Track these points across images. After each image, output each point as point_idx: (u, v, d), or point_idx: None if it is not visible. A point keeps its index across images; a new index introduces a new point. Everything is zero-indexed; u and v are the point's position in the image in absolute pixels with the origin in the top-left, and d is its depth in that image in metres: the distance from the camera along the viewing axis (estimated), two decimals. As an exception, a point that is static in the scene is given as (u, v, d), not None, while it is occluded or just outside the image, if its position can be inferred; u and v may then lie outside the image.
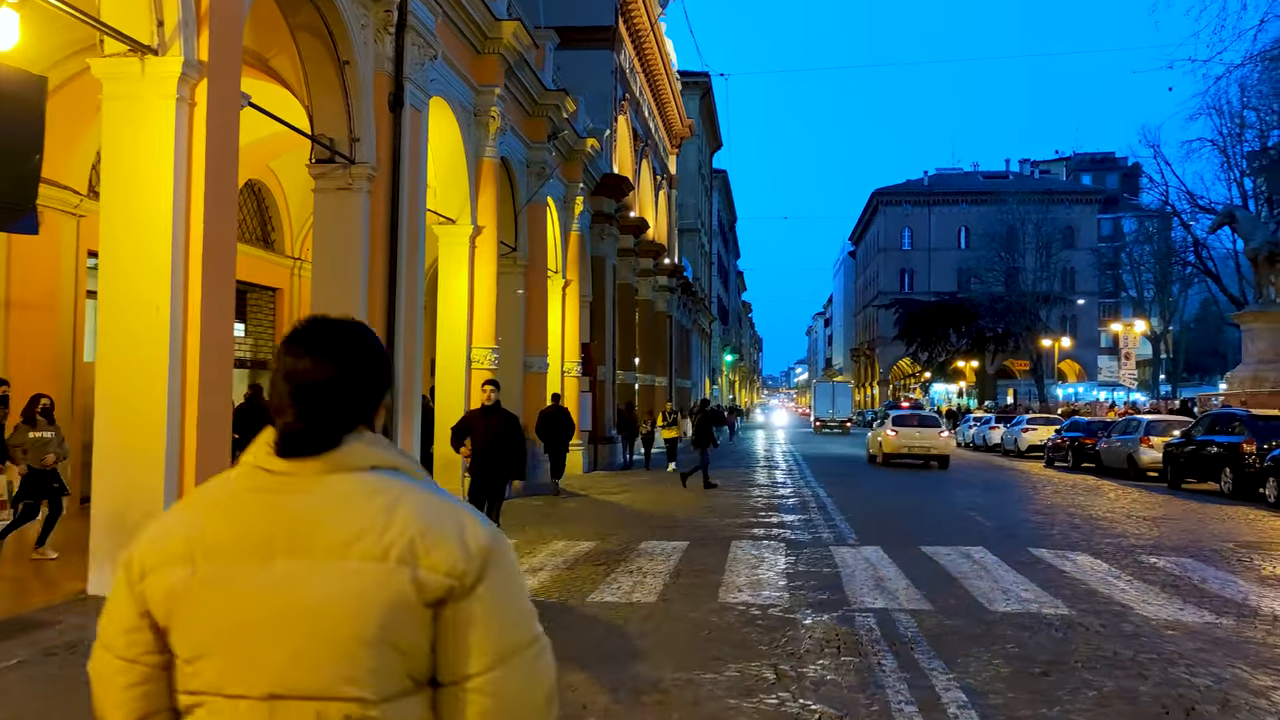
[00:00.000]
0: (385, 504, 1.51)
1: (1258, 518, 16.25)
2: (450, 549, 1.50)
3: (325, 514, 1.50)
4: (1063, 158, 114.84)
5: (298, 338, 1.61)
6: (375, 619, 1.45)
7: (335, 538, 1.48)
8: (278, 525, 1.50)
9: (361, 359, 1.61)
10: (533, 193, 21.24)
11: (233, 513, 1.53)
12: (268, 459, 1.56)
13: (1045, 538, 13.04)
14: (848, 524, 14.29)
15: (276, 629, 1.46)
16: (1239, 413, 21.81)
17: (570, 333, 25.00)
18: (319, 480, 1.53)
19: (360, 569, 1.46)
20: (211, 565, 1.50)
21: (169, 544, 1.54)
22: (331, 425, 1.56)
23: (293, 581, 1.47)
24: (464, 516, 1.55)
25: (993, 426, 42.75)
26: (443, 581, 1.48)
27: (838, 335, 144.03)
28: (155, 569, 1.53)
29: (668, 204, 47.21)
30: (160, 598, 1.52)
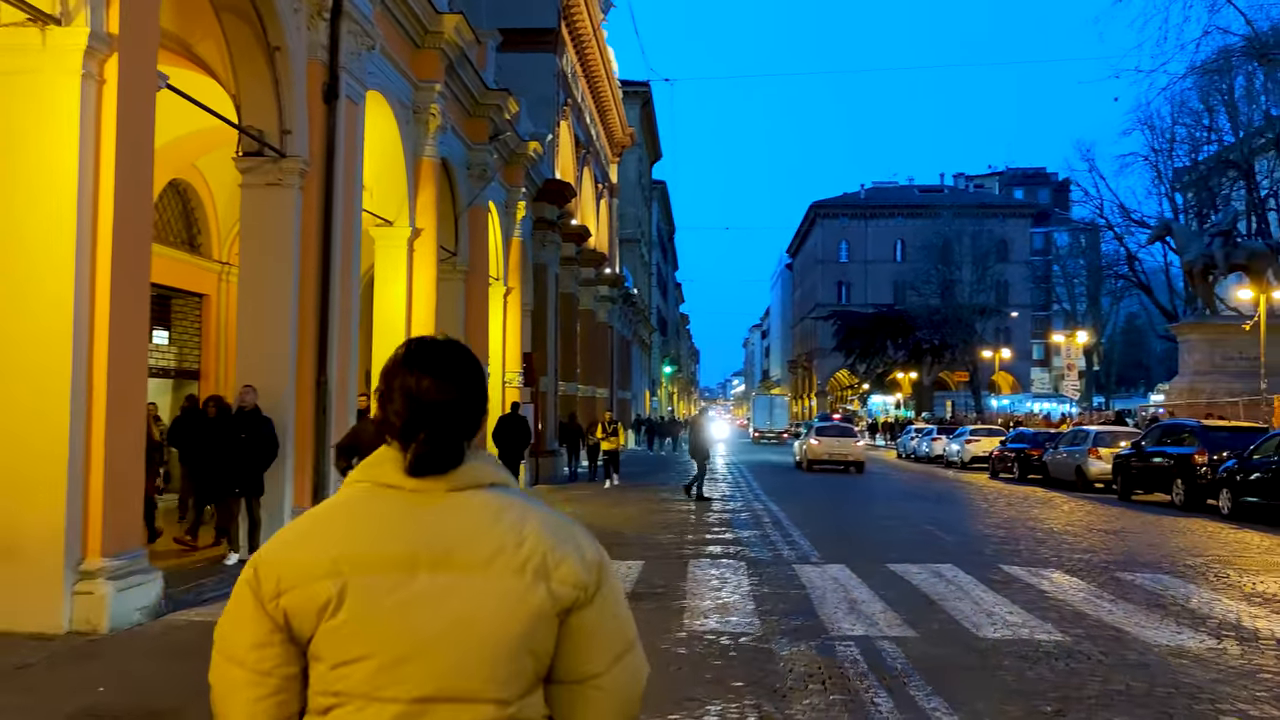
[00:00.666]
0: (514, 521, 1.62)
1: (1216, 530, 15.96)
2: (574, 564, 1.62)
3: (463, 530, 1.60)
4: (995, 172, 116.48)
5: (418, 360, 1.67)
6: (520, 628, 1.57)
7: (477, 553, 1.59)
8: (420, 541, 1.59)
9: (476, 379, 1.70)
10: (474, 196, 20.42)
11: (375, 530, 1.61)
12: (396, 477, 1.63)
13: (1014, 554, 12.53)
14: (807, 540, 13.68)
15: (431, 637, 1.55)
16: (1190, 424, 21.68)
17: (512, 342, 24.20)
18: (449, 498, 1.62)
19: (503, 583, 1.57)
20: (363, 579, 1.57)
21: (310, 561, 1.59)
22: (457, 444, 1.64)
23: (444, 594, 1.56)
24: (576, 533, 1.68)
25: (935, 438, 42.64)
26: (571, 593, 1.61)
27: (775, 347, 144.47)
28: (298, 585, 1.59)
29: (609, 213, 46.58)
30: (306, 612, 1.58)
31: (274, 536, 1.70)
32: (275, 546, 1.66)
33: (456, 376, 1.66)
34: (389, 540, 1.60)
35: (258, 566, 1.63)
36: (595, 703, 1.65)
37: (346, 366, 13.15)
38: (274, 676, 1.61)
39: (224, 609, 1.65)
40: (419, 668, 1.55)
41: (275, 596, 1.60)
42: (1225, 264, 37.10)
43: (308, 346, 12.27)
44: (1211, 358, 36.97)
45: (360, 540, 1.60)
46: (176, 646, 7.04)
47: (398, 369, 1.67)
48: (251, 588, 1.62)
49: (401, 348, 1.71)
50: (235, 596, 1.65)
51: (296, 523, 1.70)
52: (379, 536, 1.60)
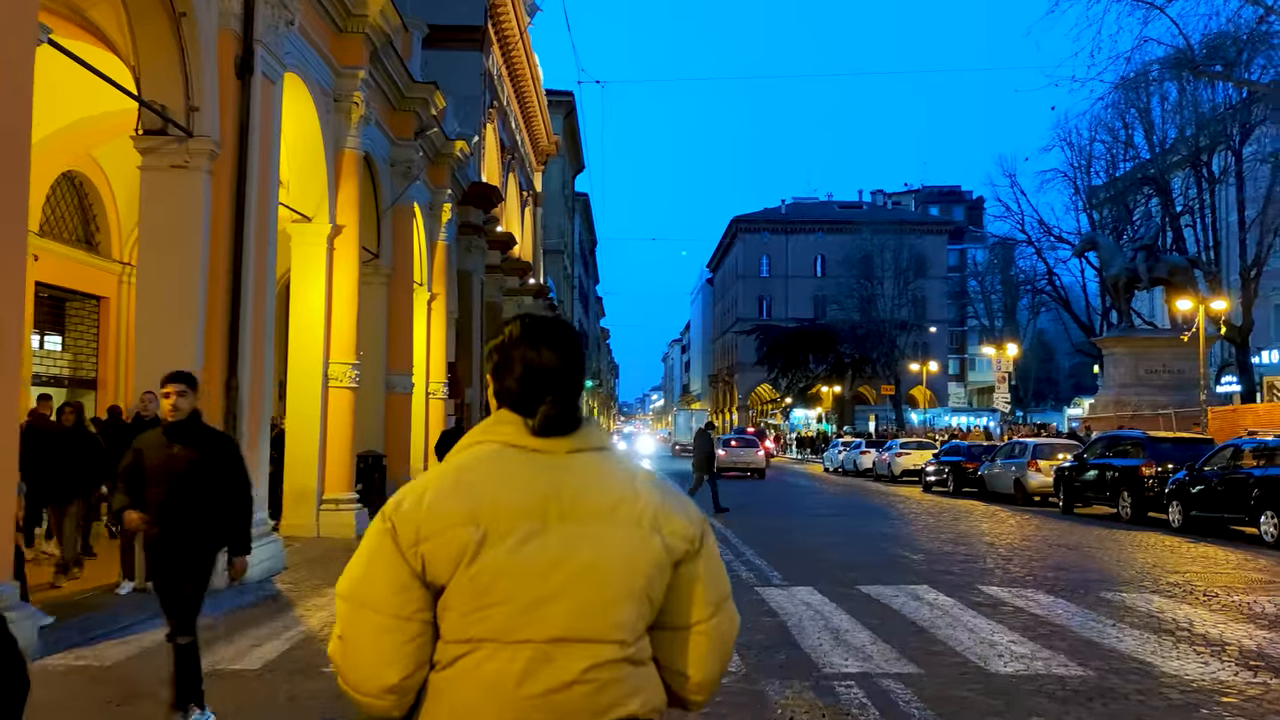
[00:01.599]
0: (626, 479, 1.80)
1: (1175, 544, 15.45)
2: (681, 519, 1.80)
3: (586, 485, 1.75)
4: (911, 190, 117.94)
5: (536, 334, 1.85)
6: (641, 575, 1.72)
7: (600, 506, 1.74)
8: (550, 493, 1.72)
9: (581, 352, 1.89)
10: (398, 194, 19.20)
11: (507, 483, 1.73)
12: (522, 437, 1.78)
13: (985, 572, 11.76)
14: (762, 559, 12.77)
15: (564, 581, 1.68)
16: (1136, 435, 21.33)
17: (436, 351, 22.96)
18: (570, 457, 1.78)
19: (625, 532, 1.73)
20: (500, 527, 1.68)
21: (448, 511, 1.70)
22: (577, 409, 1.82)
23: (575, 541, 1.70)
24: (679, 492, 1.87)
25: (864, 451, 42.26)
26: (682, 545, 1.78)
27: (695, 361, 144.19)
28: (438, 533, 1.68)
29: (533, 222, 45.45)
30: (444, 558, 1.68)
31: (404, 490, 1.78)
32: (410, 498, 1.74)
33: (570, 349, 1.86)
34: (521, 492, 1.72)
35: (393, 518, 1.73)
36: (701, 646, 1.79)
37: (261, 372, 11.89)
38: (414, 621, 1.69)
39: (357, 561, 1.73)
40: (552, 610, 1.67)
41: (415, 544, 1.69)
42: (1148, 278, 37.36)
43: (216, 351, 11.01)
44: (1136, 370, 37.18)
45: (494, 492, 1.71)
46: (41, 705, 5.82)
47: (517, 343, 1.84)
48: (391, 536, 1.71)
49: (515, 324, 1.88)
50: (372, 547, 1.73)
51: (427, 477, 1.78)
52: (512, 489, 1.72)
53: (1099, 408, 39.19)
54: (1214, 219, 44.92)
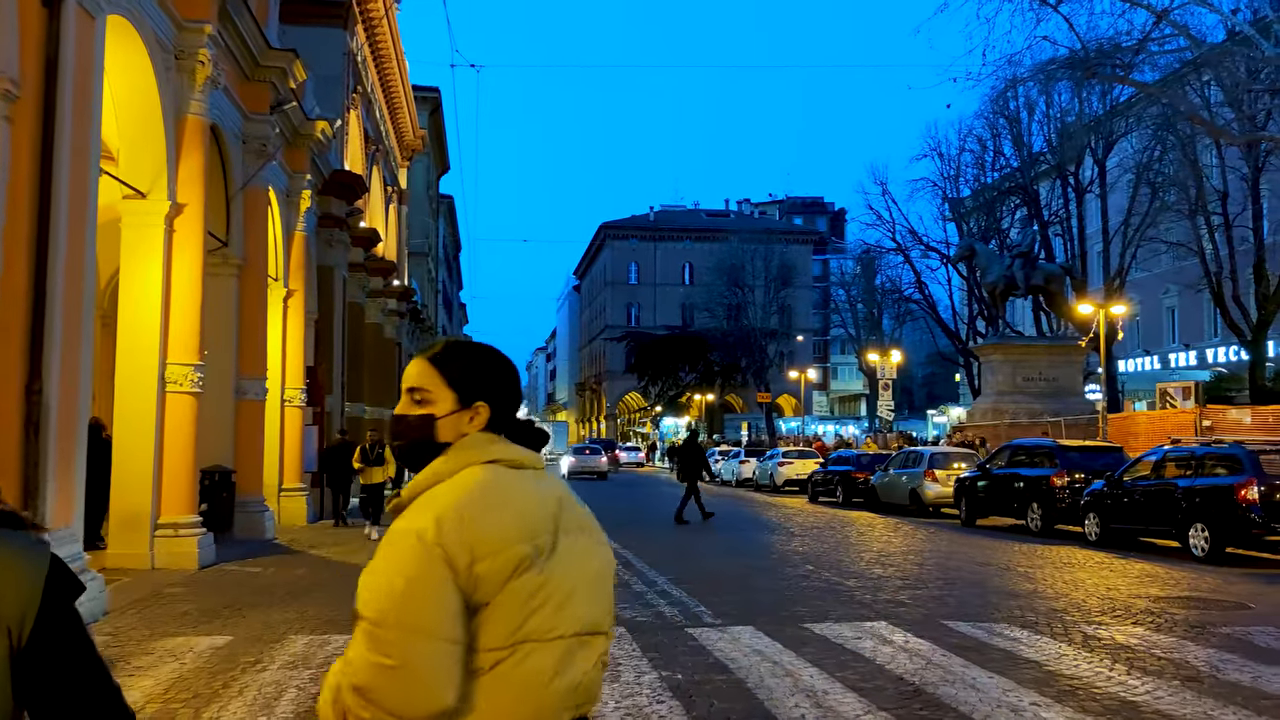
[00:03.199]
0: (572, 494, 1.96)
1: (1108, 561, 14.46)
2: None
3: (569, 499, 1.90)
4: (776, 200, 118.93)
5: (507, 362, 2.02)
6: (613, 575, 1.94)
7: (584, 517, 1.92)
8: (556, 508, 1.85)
9: None
10: (251, 175, 16.92)
11: (532, 500, 1.83)
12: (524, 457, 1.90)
13: (938, 602, 10.35)
14: (680, 589, 11.11)
15: (589, 585, 1.84)
16: (1046, 443, 20.53)
17: (293, 353, 20.62)
18: (543, 474, 1.92)
19: (601, 538, 1.94)
20: (542, 541, 1.78)
21: (502, 531, 1.74)
22: None
23: (590, 549, 1.88)
24: None
25: (743, 460, 41.19)
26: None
27: (561, 370, 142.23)
28: (495, 553, 1.72)
29: (398, 220, 42.94)
30: (500, 576, 1.72)
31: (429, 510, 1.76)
32: (450, 519, 1.73)
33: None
34: (543, 507, 1.83)
35: (440, 542, 1.71)
36: None
37: (76, 372, 9.64)
38: (462, 643, 1.70)
39: (392, 586, 1.68)
40: (578, 607, 1.79)
41: (470, 565, 1.70)
42: (1025, 285, 37.34)
43: (14, 348, 8.78)
44: (1014, 378, 37.03)
45: (528, 508, 1.81)
46: None
47: (510, 370, 1.99)
48: (444, 561, 1.70)
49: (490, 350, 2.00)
50: (415, 572, 1.70)
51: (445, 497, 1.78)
52: (537, 505, 1.83)
53: (976, 415, 38.99)
54: (1080, 229, 45.57)
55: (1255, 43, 22.54)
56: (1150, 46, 22.90)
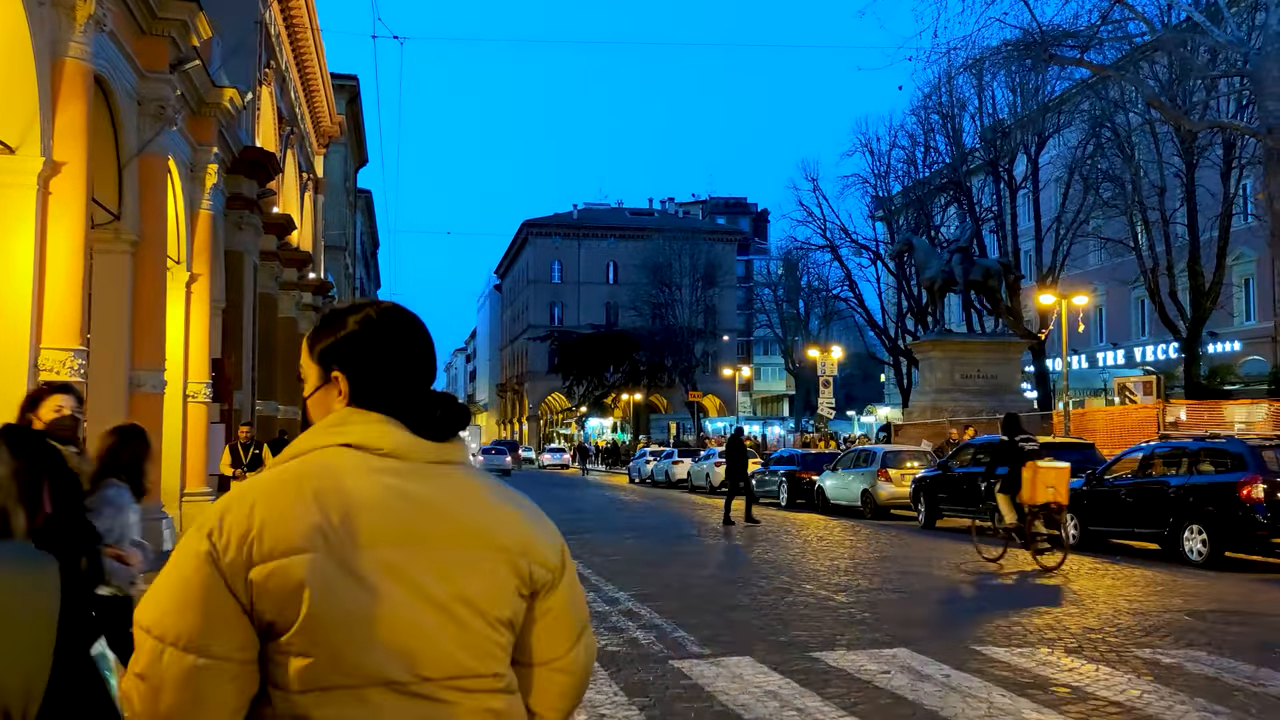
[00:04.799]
0: (498, 498, 1.54)
1: (1100, 566, 13.30)
2: (547, 543, 1.55)
3: (454, 503, 1.48)
4: (699, 200, 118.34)
5: (406, 322, 1.58)
6: (509, 603, 1.48)
7: (469, 527, 1.47)
8: (414, 511, 1.44)
9: None
10: (148, 139, 14.98)
11: (365, 497, 1.42)
12: (379, 438, 1.48)
13: (952, 622, 9.00)
14: (651, 609, 9.58)
15: (435, 615, 1.42)
16: (1015, 440, 19.35)
17: (197, 345, 18.63)
18: (431, 470, 1.50)
19: (494, 559, 1.48)
20: (358, 552, 1.39)
21: (290, 531, 1.37)
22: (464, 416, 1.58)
23: (446, 568, 1.44)
24: (541, 513, 1.60)
25: (676, 461, 39.77)
26: (544, 575, 1.52)
27: (482, 370, 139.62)
28: (276, 558, 1.36)
29: (314, 210, 40.69)
30: (286, 590, 1.35)
31: (227, 499, 1.45)
32: (236, 511, 1.40)
33: (432, 345, 1.61)
34: (381, 508, 1.42)
35: (213, 537, 1.38)
36: (557, 684, 1.57)
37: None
38: (232, 662, 1.36)
39: (157, 587, 1.39)
40: (423, 648, 1.40)
41: (244, 570, 1.37)
42: (964, 281, 36.58)
43: None
44: (952, 375, 36.22)
45: (347, 507, 1.41)
46: None
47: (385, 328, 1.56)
48: (212, 560, 1.37)
49: (371, 309, 1.58)
50: (184, 572, 1.38)
51: (256, 485, 1.44)
52: (370, 503, 1.42)
53: (914, 414, 38.12)
54: (1014, 225, 45.13)
55: (1205, 29, 21.87)
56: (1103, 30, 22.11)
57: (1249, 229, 38.24)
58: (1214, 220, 34.33)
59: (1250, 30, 24.01)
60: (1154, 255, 35.74)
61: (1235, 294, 40.01)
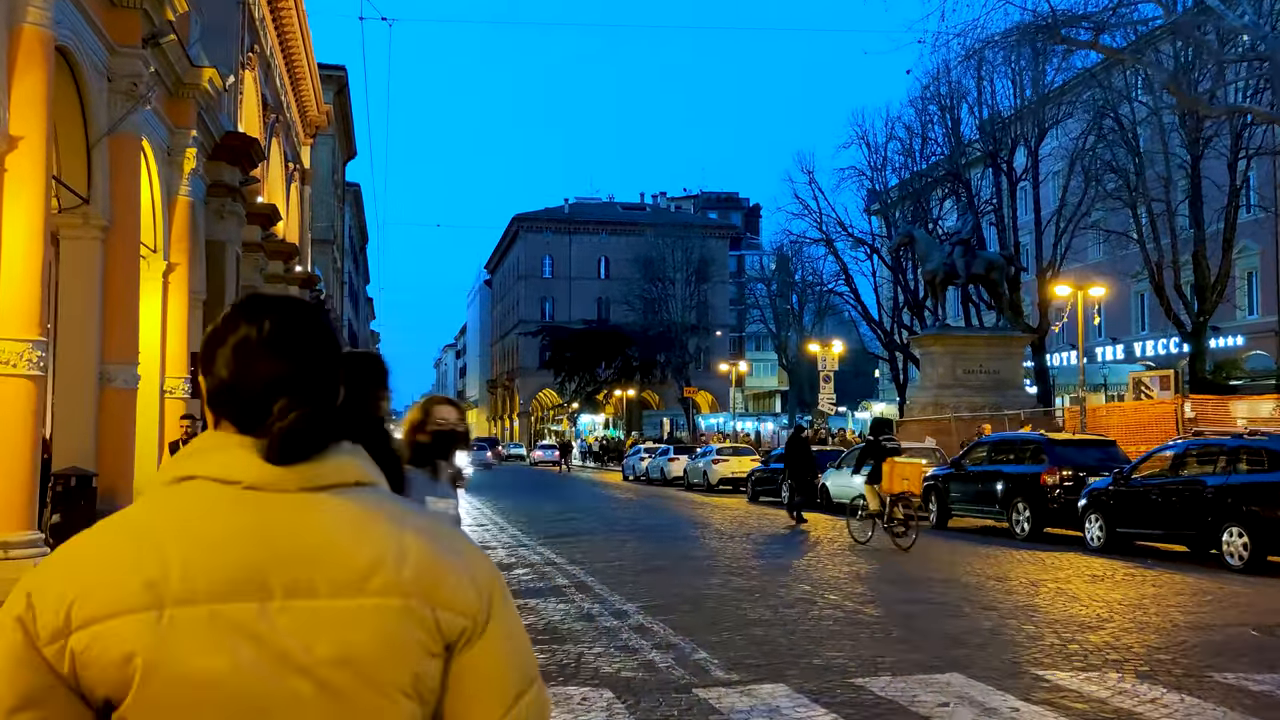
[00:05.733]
0: (390, 530, 1.22)
1: (1135, 572, 12.47)
2: (463, 584, 1.23)
3: (328, 541, 1.19)
4: (690, 195, 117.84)
5: (266, 308, 1.27)
6: (408, 667, 1.18)
7: (349, 570, 1.18)
8: (271, 556, 1.16)
9: (335, 342, 1.31)
10: (119, 118, 14.05)
11: (208, 541, 1.16)
12: (234, 467, 1.20)
13: (999, 638, 8.12)
14: (665, 625, 8.71)
15: (301, 688, 1.13)
16: (1033, 437, 18.59)
17: (175, 337, 17.72)
18: (303, 500, 1.20)
19: (383, 608, 1.17)
20: (191, 612, 1.12)
21: (116, 586, 1.13)
22: (325, 421, 1.23)
23: (313, 626, 1.15)
24: (463, 544, 1.29)
25: (672, 458, 38.92)
26: (458, 623, 1.22)
27: (472, 366, 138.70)
28: (98, 619, 1.12)
29: (300, 202, 39.71)
30: (106, 659, 1.11)
31: (53, 555, 1.21)
32: (58, 565, 1.17)
33: (314, 333, 1.27)
34: (228, 555, 1.15)
35: (31, 593, 1.15)
36: None
37: None
38: None
39: None
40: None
41: (60, 635, 1.12)
42: (966, 274, 35.81)
43: None
44: (954, 370, 35.47)
45: (187, 553, 1.15)
46: None
47: (234, 320, 1.25)
48: (21, 624, 1.13)
49: (241, 298, 1.31)
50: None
51: (86, 536, 1.20)
52: (214, 549, 1.15)
53: (915, 409, 37.38)
54: (1014, 218, 44.38)
55: (1219, 13, 21.14)
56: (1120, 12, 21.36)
57: (1255, 221, 37.61)
58: (1219, 212, 33.62)
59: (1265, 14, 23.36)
60: (1159, 248, 34.99)
61: (1238, 287, 39.33)
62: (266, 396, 1.20)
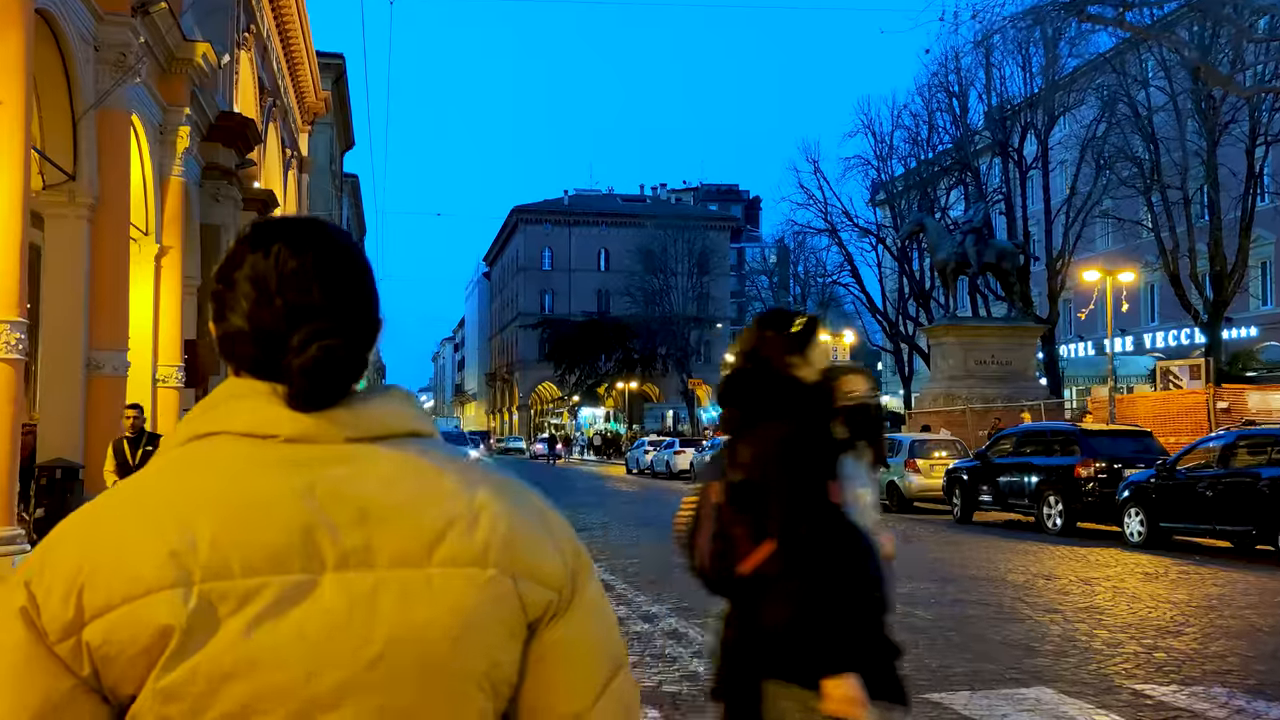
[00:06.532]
0: (461, 486, 1.04)
1: (1189, 570, 11.73)
2: (547, 551, 1.06)
3: (389, 501, 1.00)
4: (690, 188, 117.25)
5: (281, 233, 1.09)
6: (485, 652, 1.01)
7: (412, 536, 1.00)
8: (320, 520, 0.98)
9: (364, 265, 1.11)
10: (106, 90, 13.28)
11: (240, 506, 0.97)
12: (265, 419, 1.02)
13: (1073, 644, 7.37)
14: (698, 627, 7.96)
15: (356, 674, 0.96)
16: (1065, 428, 17.90)
17: (168, 323, 16.98)
18: (356, 450, 1.02)
19: (453, 580, 1.00)
20: (234, 586, 0.95)
21: (132, 563, 0.95)
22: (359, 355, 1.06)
23: (369, 602, 0.98)
24: (541, 502, 1.11)
25: (678, 451, 38.19)
26: (543, 596, 1.05)
27: (471, 360, 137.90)
28: (115, 605, 0.94)
29: (299, 189, 38.93)
30: (134, 648, 0.93)
31: (50, 537, 1.00)
32: (60, 547, 0.98)
33: (339, 253, 1.07)
34: (265, 522, 0.97)
35: (30, 581, 0.96)
36: None
37: None
38: None
39: None
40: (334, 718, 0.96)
41: (74, 628, 0.94)
42: (978, 263, 35.10)
43: None
44: (966, 362, 34.80)
45: (217, 523, 0.96)
46: None
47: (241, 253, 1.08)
48: (26, 617, 0.95)
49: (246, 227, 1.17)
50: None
51: (88, 510, 1.01)
52: (249, 517, 0.97)
53: (926, 401, 36.68)
54: (1024, 208, 43.63)
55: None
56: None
57: (1272, 209, 36.87)
58: (1236, 200, 32.91)
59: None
60: (1174, 237, 34.26)
61: (1252, 278, 38.63)
62: (289, 331, 1.01)
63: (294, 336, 1.01)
